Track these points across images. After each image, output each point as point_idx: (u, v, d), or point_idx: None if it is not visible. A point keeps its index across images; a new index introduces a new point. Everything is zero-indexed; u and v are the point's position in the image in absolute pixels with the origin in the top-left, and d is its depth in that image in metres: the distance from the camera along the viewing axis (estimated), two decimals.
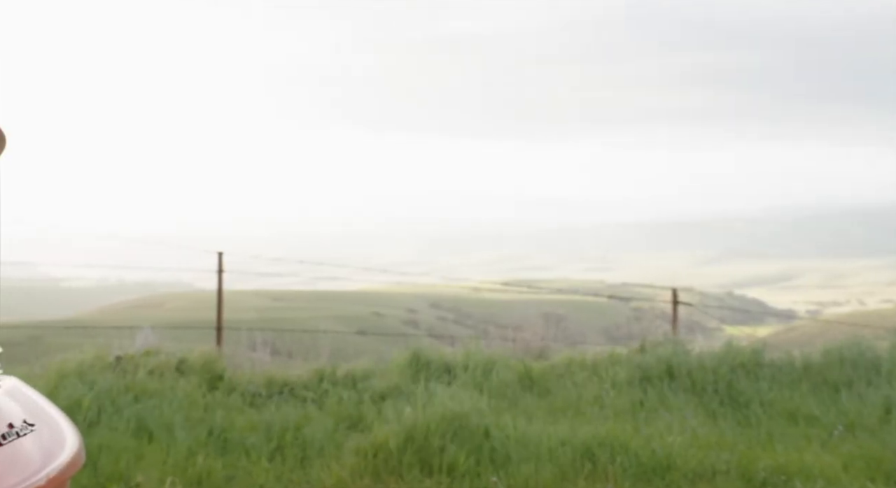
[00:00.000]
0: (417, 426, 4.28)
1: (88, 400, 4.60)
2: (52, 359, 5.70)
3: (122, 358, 5.54)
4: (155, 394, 4.90)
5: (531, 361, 6.81)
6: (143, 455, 4.00)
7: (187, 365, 5.69)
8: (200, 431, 4.49)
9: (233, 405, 5.17)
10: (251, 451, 4.32)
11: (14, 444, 1.30)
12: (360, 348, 13.68)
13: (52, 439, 1.44)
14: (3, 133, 1.45)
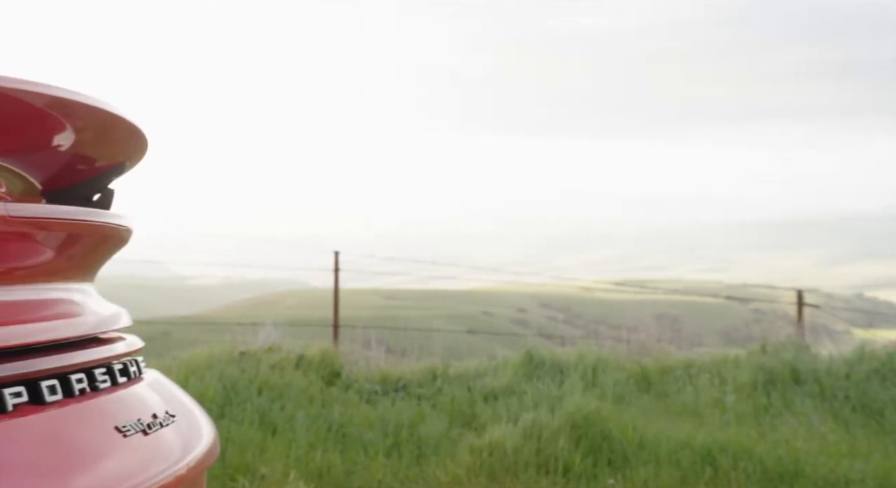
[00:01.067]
0: (534, 426, 4.26)
1: (215, 392, 4.80)
2: (181, 353, 5.99)
3: (246, 353, 5.76)
4: (276, 389, 5.07)
5: (646, 362, 6.66)
6: (266, 447, 4.14)
7: (306, 361, 5.86)
8: (320, 426, 4.62)
9: (350, 401, 5.29)
10: (368, 447, 4.40)
11: (158, 434, 1.36)
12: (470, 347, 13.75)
13: (190, 430, 1.50)
14: (146, 137, 1.52)
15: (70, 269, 1.42)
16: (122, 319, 1.57)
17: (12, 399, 1.11)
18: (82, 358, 1.33)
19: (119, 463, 1.23)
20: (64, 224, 1.28)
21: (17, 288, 1.29)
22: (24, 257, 1.27)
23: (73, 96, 1.23)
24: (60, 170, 1.50)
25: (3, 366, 1.13)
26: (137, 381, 1.49)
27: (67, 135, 1.38)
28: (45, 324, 1.31)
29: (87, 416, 1.25)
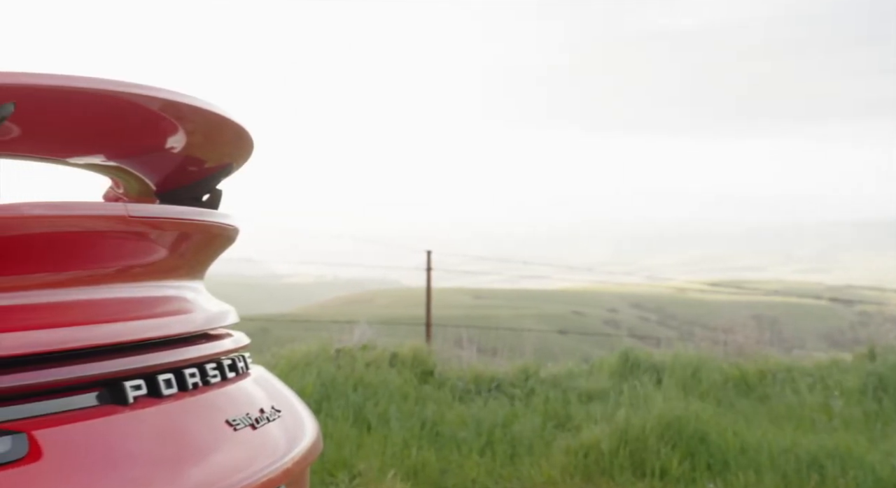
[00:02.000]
0: (630, 428, 4.19)
1: (313, 388, 4.90)
2: (280, 349, 6.14)
3: (342, 350, 5.86)
4: (371, 386, 5.13)
5: (745, 365, 6.46)
6: (362, 444, 4.19)
7: (399, 359, 5.92)
8: (414, 423, 4.65)
9: (443, 399, 5.32)
10: (462, 445, 4.41)
11: (265, 428, 1.39)
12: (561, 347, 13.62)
13: (294, 425, 1.53)
14: (252, 138, 1.55)
15: (182, 267, 1.46)
16: (230, 316, 1.61)
17: (133, 391, 1.15)
18: (194, 353, 1.36)
19: (230, 455, 1.26)
20: (178, 223, 1.32)
21: (135, 285, 1.33)
22: (142, 255, 1.32)
23: (184, 99, 1.27)
24: (172, 172, 1.55)
25: (123, 360, 1.17)
26: (245, 377, 1.53)
27: (179, 138, 1.42)
28: (161, 320, 1.36)
29: (200, 410, 1.29)
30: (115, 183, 1.62)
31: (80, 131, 1.26)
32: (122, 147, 1.42)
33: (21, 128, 1.03)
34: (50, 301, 1.13)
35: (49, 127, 1.16)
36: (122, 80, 1.14)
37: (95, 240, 1.17)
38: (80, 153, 1.40)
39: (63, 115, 1.14)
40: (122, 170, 1.53)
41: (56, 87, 1.01)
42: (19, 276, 1.07)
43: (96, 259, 1.21)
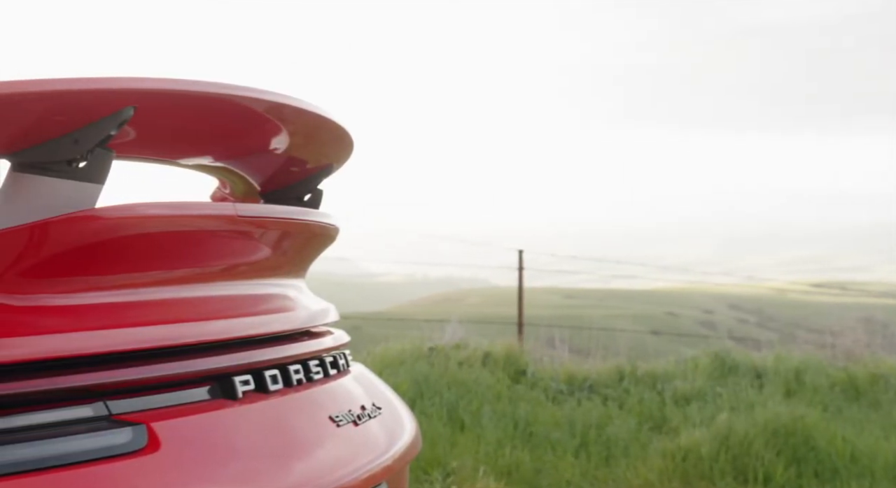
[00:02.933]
0: (731, 432, 4.06)
1: (407, 386, 4.94)
2: (373, 348, 6.22)
3: (434, 349, 5.90)
4: (464, 385, 5.15)
5: (854, 369, 6.18)
6: (456, 442, 4.21)
7: (492, 358, 5.91)
8: (507, 423, 4.64)
9: (536, 399, 5.28)
10: (556, 446, 4.37)
11: (367, 425, 1.40)
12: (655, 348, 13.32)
13: (394, 423, 1.54)
14: (353, 138, 1.57)
15: (285, 266, 1.49)
16: (331, 314, 1.64)
17: (241, 386, 1.18)
18: (298, 350, 1.39)
19: (333, 451, 1.28)
20: (283, 223, 1.35)
21: (242, 283, 1.37)
22: (248, 254, 1.35)
23: (289, 101, 1.29)
24: (276, 173, 1.58)
25: (232, 356, 1.21)
26: (346, 374, 1.55)
27: (283, 139, 1.45)
28: (266, 317, 1.39)
29: (305, 405, 1.31)
30: (221, 183, 1.66)
31: (191, 133, 1.30)
32: (229, 148, 1.46)
33: (138, 130, 1.07)
34: (163, 298, 1.17)
35: (163, 129, 1.21)
36: (229, 83, 1.17)
37: (206, 239, 1.21)
38: (190, 154, 1.45)
39: (176, 117, 1.18)
40: (229, 170, 1.57)
41: (171, 90, 1.04)
42: (137, 274, 1.11)
43: (206, 257, 1.25)
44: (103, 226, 0.99)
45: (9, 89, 0.87)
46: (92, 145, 0.97)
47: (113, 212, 1.00)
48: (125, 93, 0.96)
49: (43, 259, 0.96)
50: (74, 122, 0.95)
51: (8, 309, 0.94)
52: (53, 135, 0.95)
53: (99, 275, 1.05)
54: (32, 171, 0.96)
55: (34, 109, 0.91)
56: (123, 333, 1.05)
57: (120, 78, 0.96)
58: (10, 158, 0.97)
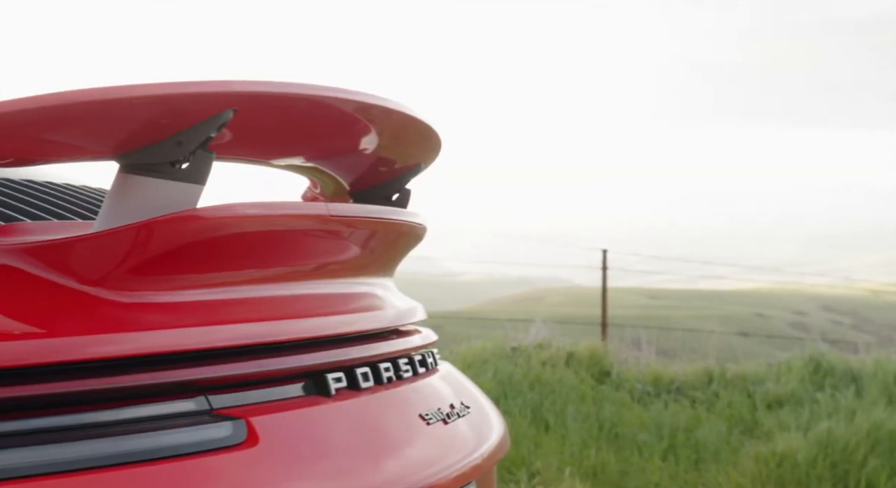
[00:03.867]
0: (829, 438, 3.92)
1: (490, 386, 4.95)
2: (456, 347, 6.24)
3: (517, 348, 5.89)
4: (548, 385, 5.12)
5: None
6: (540, 443, 4.19)
7: (575, 358, 5.86)
8: (592, 424, 4.60)
9: (621, 400, 5.21)
10: (643, 448, 4.31)
11: (456, 424, 1.41)
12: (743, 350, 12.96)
13: (482, 422, 1.54)
14: (440, 138, 1.58)
15: (374, 265, 1.51)
16: (418, 313, 1.65)
17: (334, 383, 1.20)
18: (388, 348, 1.41)
19: (423, 449, 1.29)
20: (373, 222, 1.37)
21: (333, 281, 1.39)
22: (339, 253, 1.37)
23: (377, 101, 1.30)
24: (365, 172, 1.60)
25: (325, 353, 1.23)
26: (434, 372, 1.56)
27: (372, 139, 1.46)
28: (356, 315, 1.41)
29: (395, 403, 1.33)
30: (312, 183, 1.69)
31: (284, 134, 1.33)
32: (320, 148, 1.48)
33: (235, 132, 1.10)
34: (260, 295, 1.19)
35: (258, 130, 1.23)
36: (322, 84, 1.19)
37: (300, 238, 1.23)
38: (283, 155, 1.48)
39: (272, 119, 1.20)
40: (319, 170, 1.60)
41: (268, 93, 1.07)
42: (235, 272, 1.14)
43: (300, 256, 1.27)
44: (204, 225, 1.02)
45: (119, 94, 0.90)
46: (194, 147, 1.00)
47: (213, 212, 1.03)
48: (225, 96, 0.99)
49: (148, 257, 1.00)
50: (178, 124, 0.98)
51: (116, 305, 0.98)
52: (158, 138, 0.98)
53: (200, 274, 1.08)
54: (139, 173, 1.00)
55: (142, 113, 0.94)
56: (223, 330, 1.08)
57: (220, 81, 0.98)
58: (119, 160, 1.01)
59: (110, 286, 0.98)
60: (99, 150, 1.01)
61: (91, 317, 0.96)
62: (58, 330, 0.93)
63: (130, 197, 0.99)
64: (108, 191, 1.01)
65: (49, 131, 0.95)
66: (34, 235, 0.99)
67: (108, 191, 1.15)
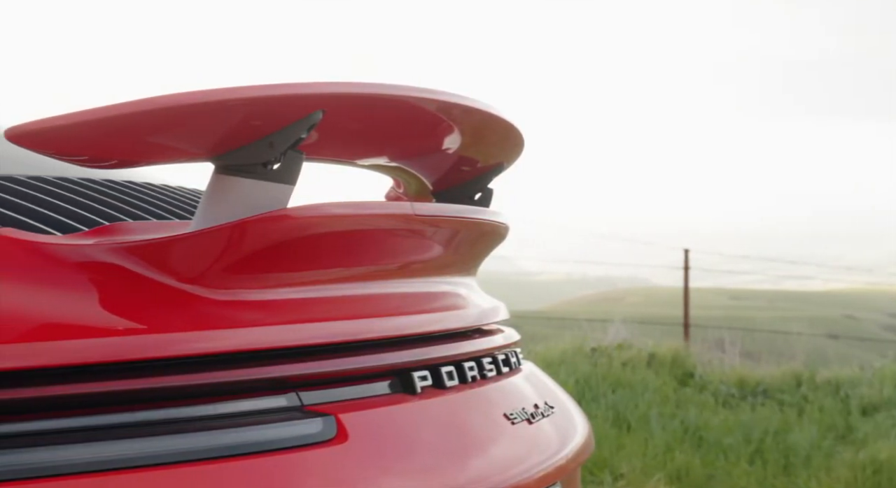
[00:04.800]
0: None
1: (569, 386, 4.91)
2: (534, 346, 6.21)
3: (597, 349, 5.82)
4: (629, 386, 5.05)
5: None
6: (622, 445, 4.13)
7: (657, 359, 5.76)
8: (675, 427, 4.51)
9: (705, 403, 5.10)
10: (728, 452, 4.20)
11: (540, 424, 1.40)
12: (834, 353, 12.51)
13: (567, 422, 1.53)
14: (523, 137, 1.57)
15: (458, 264, 1.51)
16: (501, 312, 1.65)
17: (420, 382, 1.21)
18: (471, 347, 1.41)
19: (508, 449, 1.29)
20: (457, 221, 1.37)
21: (417, 280, 1.40)
22: (423, 252, 1.38)
23: (460, 100, 1.31)
24: (448, 172, 1.61)
25: (410, 352, 1.24)
26: (517, 372, 1.55)
27: (455, 138, 1.47)
28: (440, 314, 1.42)
29: (480, 402, 1.33)
30: (395, 183, 1.71)
31: (370, 134, 1.35)
32: (404, 148, 1.50)
33: (323, 132, 1.12)
34: (347, 294, 1.21)
35: (345, 131, 1.25)
36: (405, 84, 1.20)
37: (385, 237, 1.24)
38: (368, 155, 1.50)
39: (358, 119, 1.22)
40: (403, 170, 1.61)
41: (355, 94, 1.08)
42: (323, 271, 1.16)
43: (386, 255, 1.28)
44: (295, 225, 1.04)
45: (215, 97, 0.93)
46: (285, 148, 1.02)
47: (304, 212, 1.05)
48: (315, 97, 1.01)
49: (241, 256, 1.02)
50: (270, 126, 1.00)
51: (212, 303, 1.01)
52: (251, 139, 1.01)
53: (290, 272, 1.11)
54: (232, 173, 1.02)
55: (236, 115, 0.97)
56: (313, 327, 1.11)
57: (310, 83, 1.00)
58: (214, 161, 1.04)
59: (206, 284, 1.01)
60: (195, 152, 1.04)
61: (188, 314, 0.99)
62: (157, 326, 0.97)
63: (225, 197, 1.02)
64: (204, 191, 1.04)
65: (150, 134, 0.99)
66: (135, 234, 1.03)
67: (202, 191, 1.18)
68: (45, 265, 0.93)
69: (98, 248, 0.97)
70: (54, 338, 0.90)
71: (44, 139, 0.94)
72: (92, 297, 0.94)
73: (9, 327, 0.88)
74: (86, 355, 0.91)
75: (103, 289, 0.95)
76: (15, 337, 0.88)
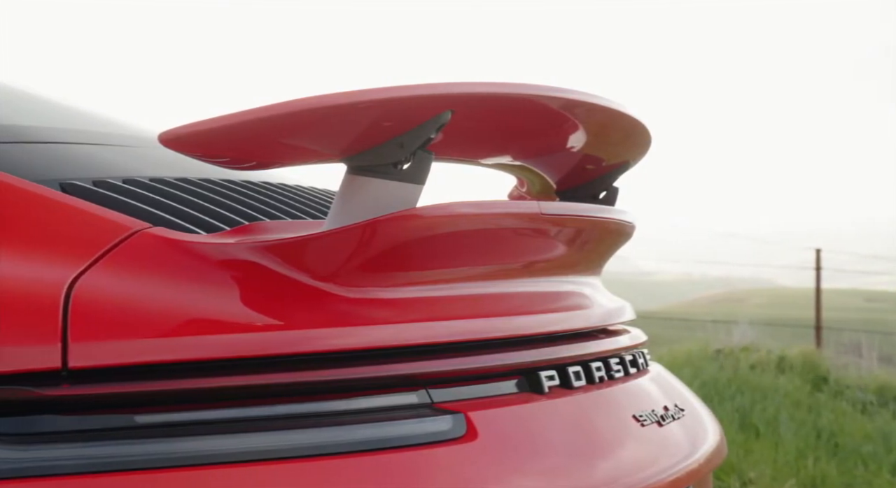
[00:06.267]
0: None
1: (693, 389, 4.77)
2: (657, 348, 6.07)
3: (722, 351, 5.64)
4: (757, 390, 4.86)
5: None
6: (750, 450, 3.98)
7: (787, 363, 5.53)
8: (808, 432, 4.31)
9: (840, 409, 4.85)
10: (868, 461, 3.98)
11: (671, 426, 1.37)
12: None
13: (697, 425, 1.49)
14: (651, 134, 1.54)
15: (583, 263, 1.49)
16: (627, 312, 1.62)
17: (547, 381, 1.20)
18: (598, 347, 1.39)
19: (638, 451, 1.26)
20: (583, 220, 1.35)
21: (542, 280, 1.39)
22: (549, 251, 1.37)
23: (584, 98, 1.29)
24: (572, 170, 1.59)
25: (537, 351, 1.23)
26: (645, 373, 1.52)
27: (580, 136, 1.45)
28: (566, 314, 1.40)
29: (608, 403, 1.31)
30: (519, 182, 1.71)
31: (495, 133, 1.35)
32: (528, 147, 1.49)
33: (450, 132, 1.12)
34: (474, 293, 1.22)
35: (471, 130, 1.26)
36: (530, 82, 1.20)
37: (512, 236, 1.24)
38: (493, 154, 1.50)
39: (484, 119, 1.22)
40: (526, 168, 1.60)
41: (483, 93, 1.08)
42: (451, 270, 1.17)
43: (512, 254, 1.28)
44: (424, 224, 1.06)
45: (348, 99, 0.95)
46: (415, 148, 1.04)
47: (432, 211, 1.06)
48: (444, 98, 1.02)
49: (372, 255, 1.04)
50: (400, 126, 1.02)
51: (345, 300, 1.03)
52: (382, 140, 1.03)
53: (419, 271, 1.12)
54: (364, 174, 1.04)
55: (368, 116, 0.99)
56: (442, 326, 1.11)
57: (440, 84, 1.01)
58: (347, 162, 1.06)
59: (339, 282, 1.03)
60: (329, 153, 1.07)
61: (323, 312, 1.02)
62: (293, 322, 1.00)
63: (356, 197, 1.04)
64: (337, 191, 1.07)
65: (287, 136, 1.02)
66: (272, 233, 1.07)
67: (332, 191, 1.20)
68: (192, 262, 0.98)
69: (239, 247, 1.01)
70: (199, 332, 0.95)
71: (191, 142, 0.98)
72: (233, 294, 0.98)
73: (159, 321, 0.93)
74: (227, 350, 0.95)
75: (244, 286, 0.99)
76: (164, 331, 0.93)
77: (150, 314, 0.93)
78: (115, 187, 1.14)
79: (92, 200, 1.05)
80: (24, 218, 1.00)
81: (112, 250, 0.95)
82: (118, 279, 0.93)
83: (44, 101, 1.68)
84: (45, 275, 0.92)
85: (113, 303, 0.92)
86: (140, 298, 0.93)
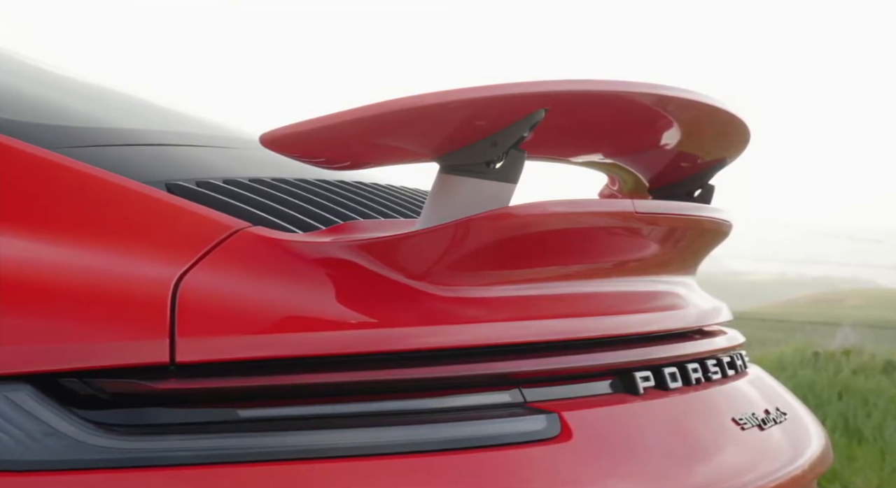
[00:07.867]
0: None
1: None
2: (751, 351, 5.90)
3: (820, 354, 5.44)
4: (860, 395, 4.67)
5: None
6: (854, 456, 3.83)
7: (893, 367, 5.29)
8: None
9: None
10: None
11: (772, 430, 1.33)
12: None
13: (800, 430, 1.44)
14: (749, 130, 1.50)
15: (678, 262, 1.47)
16: (723, 313, 1.58)
17: (642, 382, 1.18)
18: (693, 348, 1.36)
19: (738, 455, 1.23)
20: (678, 219, 1.33)
21: (637, 279, 1.37)
22: (643, 250, 1.35)
23: (678, 94, 1.26)
24: (666, 167, 1.56)
25: (632, 352, 1.21)
26: (743, 376, 1.49)
27: (675, 133, 1.42)
28: (660, 314, 1.38)
29: (706, 405, 1.28)
30: (610, 180, 1.68)
31: (587, 131, 1.33)
32: (620, 144, 1.47)
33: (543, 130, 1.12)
34: (567, 292, 1.21)
35: (564, 129, 1.25)
36: (622, 79, 1.18)
37: (605, 235, 1.23)
38: (585, 152, 1.48)
39: (577, 117, 1.21)
40: (618, 166, 1.58)
41: (576, 91, 1.08)
42: (543, 268, 1.16)
43: (605, 253, 1.27)
44: (517, 223, 1.05)
45: (442, 99, 0.96)
46: (507, 147, 1.03)
47: (525, 210, 1.05)
48: (538, 96, 1.01)
49: (465, 253, 1.05)
50: (493, 125, 1.02)
51: (438, 299, 1.04)
52: (475, 139, 1.03)
53: (512, 270, 1.12)
54: (457, 173, 1.05)
55: (461, 115, 0.99)
56: (534, 325, 1.11)
57: (533, 82, 1.01)
58: (439, 161, 1.07)
59: (432, 280, 1.04)
60: (422, 153, 1.07)
61: (416, 310, 1.03)
62: (387, 321, 1.01)
63: (449, 196, 1.05)
64: (430, 190, 1.07)
65: (381, 136, 1.03)
66: (366, 232, 1.08)
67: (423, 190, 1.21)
68: (290, 261, 1.00)
69: (334, 246, 1.03)
70: (296, 329, 0.97)
71: (290, 143, 1.01)
72: (329, 292, 1.00)
73: (259, 318, 0.95)
74: (324, 347, 0.97)
75: (339, 284, 1.01)
76: (263, 328, 0.96)
77: (251, 311, 0.95)
78: (217, 187, 1.17)
79: (196, 200, 1.08)
80: (132, 217, 1.05)
81: (215, 248, 0.98)
82: (221, 277, 0.96)
83: (149, 105, 1.75)
84: (152, 272, 0.95)
85: (216, 300, 0.95)
86: (241, 295, 0.96)
